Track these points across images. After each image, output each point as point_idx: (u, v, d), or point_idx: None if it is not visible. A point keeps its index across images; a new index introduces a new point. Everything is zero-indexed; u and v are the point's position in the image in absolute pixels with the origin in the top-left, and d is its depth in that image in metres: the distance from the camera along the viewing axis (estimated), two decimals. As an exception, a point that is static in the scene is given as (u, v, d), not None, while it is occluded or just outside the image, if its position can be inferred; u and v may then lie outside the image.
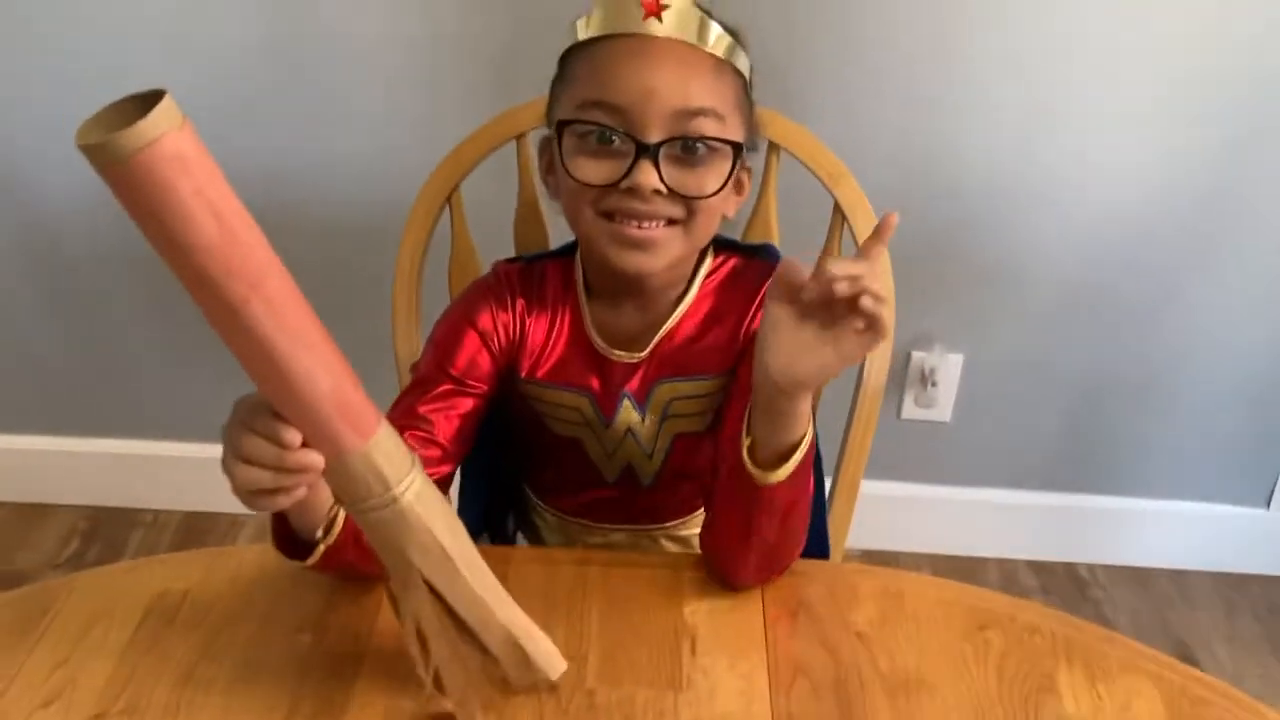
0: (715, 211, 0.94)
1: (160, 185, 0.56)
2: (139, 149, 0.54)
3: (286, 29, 1.60)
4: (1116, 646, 0.86)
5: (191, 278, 0.60)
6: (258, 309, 0.61)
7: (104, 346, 1.93)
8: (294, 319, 0.63)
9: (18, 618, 0.87)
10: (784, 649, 0.85)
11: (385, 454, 0.69)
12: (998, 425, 1.91)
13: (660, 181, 0.88)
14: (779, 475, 0.82)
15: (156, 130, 0.54)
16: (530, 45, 1.56)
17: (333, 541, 0.81)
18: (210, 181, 0.58)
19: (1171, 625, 1.91)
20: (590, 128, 0.89)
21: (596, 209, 0.91)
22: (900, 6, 1.52)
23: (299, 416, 0.66)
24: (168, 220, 0.57)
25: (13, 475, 2.07)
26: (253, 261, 0.61)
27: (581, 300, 1.01)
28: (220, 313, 0.61)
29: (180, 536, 2.03)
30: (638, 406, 1.01)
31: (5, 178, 1.75)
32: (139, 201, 0.57)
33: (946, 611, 0.89)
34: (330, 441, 0.67)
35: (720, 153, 0.90)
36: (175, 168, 0.56)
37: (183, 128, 0.56)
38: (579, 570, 0.92)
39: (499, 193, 1.24)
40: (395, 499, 0.70)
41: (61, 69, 1.64)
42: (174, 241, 0.58)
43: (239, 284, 0.60)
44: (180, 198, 0.56)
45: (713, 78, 0.90)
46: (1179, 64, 1.56)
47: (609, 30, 0.90)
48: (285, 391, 0.65)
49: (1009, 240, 1.71)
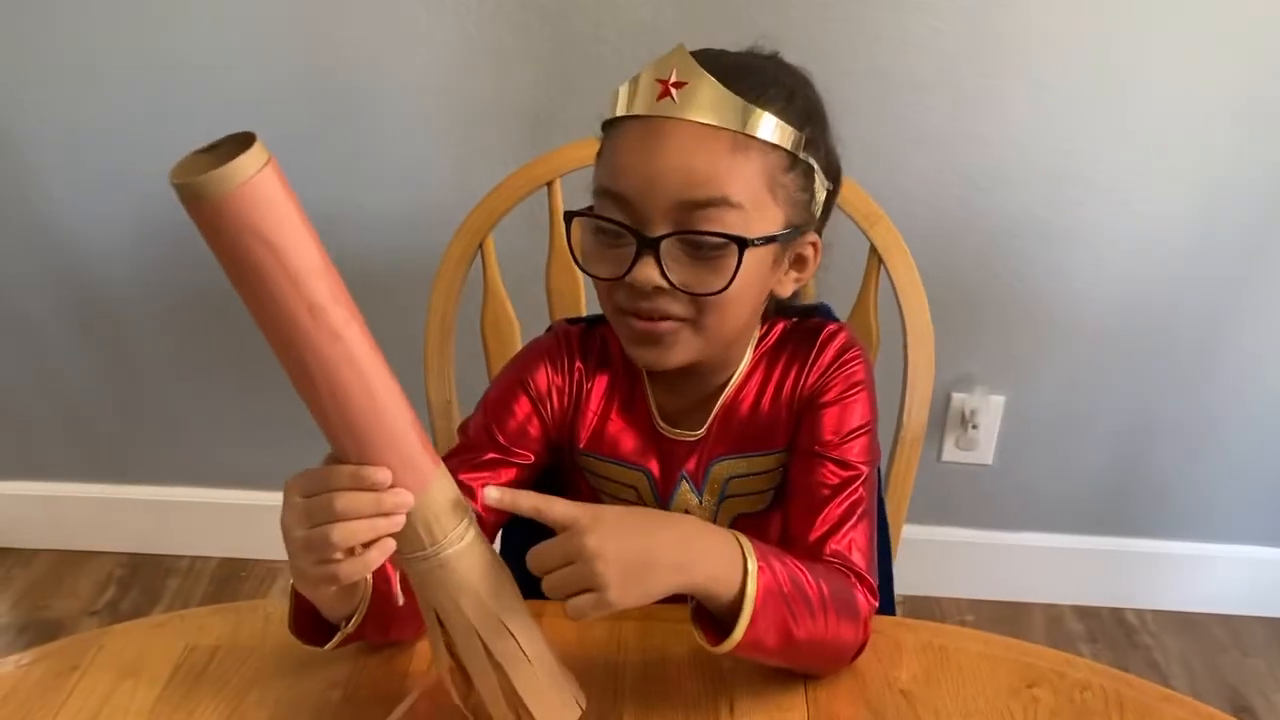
0: (736, 304, 0.86)
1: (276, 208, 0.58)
2: (259, 169, 0.56)
3: (321, 77, 1.61)
4: (1173, 705, 0.83)
5: (302, 307, 0.60)
6: (357, 331, 0.62)
7: (139, 394, 1.94)
8: (376, 347, 0.64)
9: (46, 674, 0.86)
10: (826, 709, 0.82)
11: (446, 495, 0.69)
12: (1041, 468, 1.87)
13: (662, 278, 0.82)
14: (724, 646, 0.76)
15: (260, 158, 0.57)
16: (564, 96, 1.57)
17: (351, 630, 0.79)
18: (301, 214, 0.60)
19: (1224, 672, 1.86)
20: (596, 220, 0.85)
21: (612, 303, 0.88)
22: (935, 49, 1.51)
23: (387, 451, 0.66)
24: (286, 243, 0.58)
25: (50, 522, 2.09)
26: (344, 289, 0.62)
27: (644, 375, 0.97)
28: (322, 342, 0.61)
29: (216, 583, 2.03)
30: (694, 489, 0.97)
31: (43, 223, 1.77)
32: (254, 229, 0.57)
33: (993, 667, 0.86)
34: (417, 475, 0.67)
35: (730, 245, 0.82)
36: (287, 193, 0.58)
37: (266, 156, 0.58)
38: (614, 625, 0.90)
39: (531, 240, 1.23)
40: (441, 551, 0.69)
41: (99, 110, 1.66)
42: (288, 267, 0.58)
43: (342, 307, 0.61)
44: (295, 221, 0.59)
45: (731, 160, 0.81)
46: (1221, 102, 1.54)
47: (628, 110, 0.84)
48: (374, 421, 0.65)
49: (1049, 281, 1.68)
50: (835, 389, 0.93)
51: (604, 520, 0.72)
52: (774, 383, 0.95)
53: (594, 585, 0.70)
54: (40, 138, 1.69)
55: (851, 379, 0.94)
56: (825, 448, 0.91)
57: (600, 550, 0.70)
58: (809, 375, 0.94)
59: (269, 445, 1.96)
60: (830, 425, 0.92)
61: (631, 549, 0.72)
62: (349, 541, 0.67)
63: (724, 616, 0.77)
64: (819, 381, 0.94)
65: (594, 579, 0.70)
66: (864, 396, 0.93)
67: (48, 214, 1.76)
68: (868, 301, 1.16)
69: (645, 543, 0.74)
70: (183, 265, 1.78)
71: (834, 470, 0.89)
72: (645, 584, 0.73)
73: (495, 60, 1.57)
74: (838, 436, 0.91)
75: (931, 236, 1.63)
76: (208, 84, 1.62)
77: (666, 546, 0.74)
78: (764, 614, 0.76)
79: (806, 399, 0.94)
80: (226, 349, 1.87)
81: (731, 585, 0.76)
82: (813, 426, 0.92)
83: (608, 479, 0.99)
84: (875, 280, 1.15)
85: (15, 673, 0.87)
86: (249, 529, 2.04)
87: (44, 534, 2.10)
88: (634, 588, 0.72)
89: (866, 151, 1.57)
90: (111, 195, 1.72)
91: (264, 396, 1.91)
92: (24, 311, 1.86)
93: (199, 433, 1.97)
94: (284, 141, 1.62)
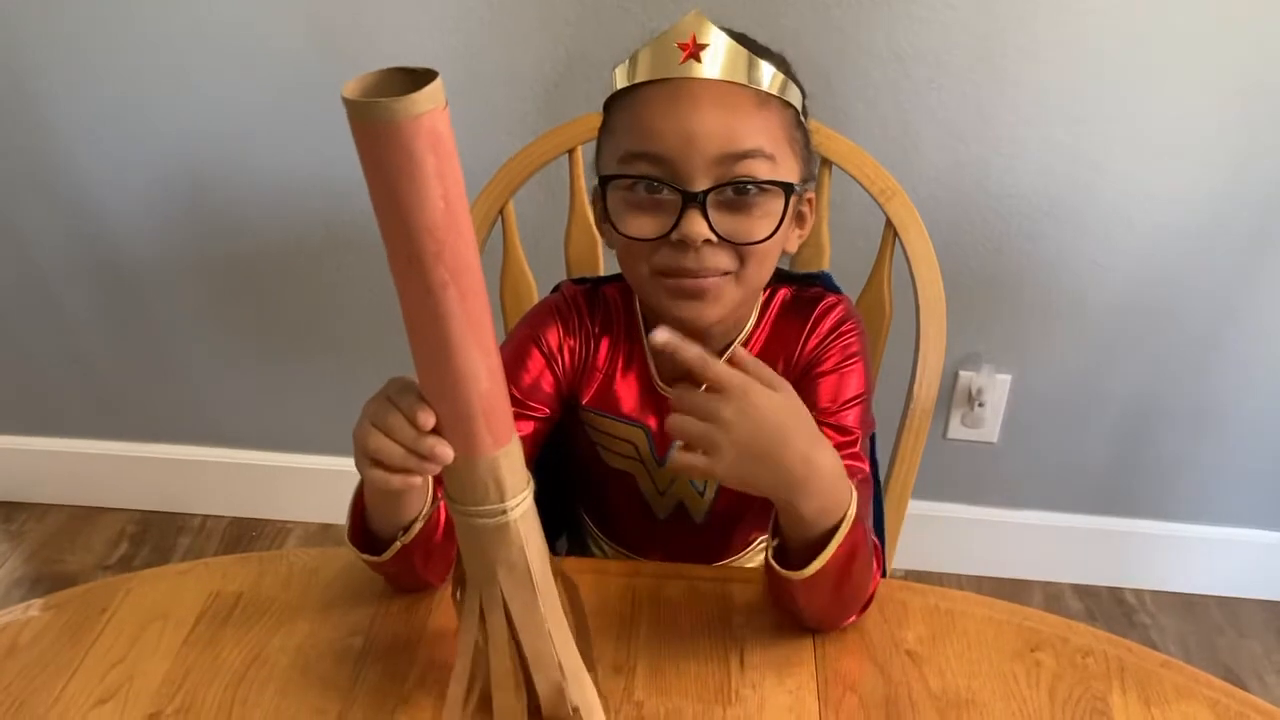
0: (770, 255, 0.90)
1: (412, 156, 0.58)
2: (410, 117, 0.56)
3: (340, 43, 1.62)
4: (1172, 671, 0.85)
5: (403, 252, 0.61)
6: (452, 296, 0.62)
7: (156, 353, 1.96)
8: (478, 317, 0.65)
9: (76, 616, 0.89)
10: (833, 666, 0.84)
11: (511, 467, 0.70)
12: (1045, 447, 1.89)
13: (710, 230, 0.84)
14: (805, 573, 0.78)
15: (428, 104, 0.57)
16: (583, 65, 1.58)
17: (409, 541, 0.82)
18: (450, 167, 0.60)
19: (1220, 653, 1.88)
20: (635, 181, 0.86)
21: (650, 265, 0.89)
22: (952, 25, 1.52)
23: (448, 408, 0.67)
24: (405, 191, 0.59)
25: (64, 478, 2.11)
26: (461, 252, 0.62)
27: (643, 335, 0.99)
28: (418, 292, 0.62)
29: (227, 542, 2.06)
30: None
31: (62, 185, 1.79)
32: (387, 167, 0.58)
33: (997, 631, 0.88)
34: (468, 440, 0.68)
35: (771, 194, 0.86)
36: (430, 143, 0.58)
37: (444, 109, 0.58)
38: (628, 582, 0.92)
39: (550, 207, 1.24)
40: (505, 511, 0.70)
41: (125, 73, 1.67)
42: (402, 213, 0.59)
43: (443, 269, 0.61)
44: (425, 173, 0.58)
45: (759, 115, 0.86)
46: (1236, 84, 1.54)
47: (648, 76, 0.86)
48: (447, 382, 0.66)
49: (1060, 260, 1.69)
50: (832, 359, 0.95)
51: (751, 400, 0.73)
52: (774, 348, 0.98)
53: (709, 450, 0.72)
54: (65, 100, 1.70)
55: (848, 350, 0.96)
56: (823, 414, 0.93)
57: (734, 423, 0.72)
58: (806, 344, 0.97)
59: (283, 407, 1.98)
60: (827, 394, 0.94)
61: (761, 440, 0.73)
62: (377, 455, 0.70)
63: (794, 539, 0.79)
64: (816, 351, 0.96)
65: (713, 446, 0.72)
66: (859, 367, 0.96)
67: (71, 175, 1.77)
68: (881, 275, 1.17)
69: (776, 440, 0.74)
70: (204, 227, 1.79)
71: (831, 435, 0.91)
72: (753, 476, 0.74)
73: (516, 29, 1.57)
74: (835, 404, 0.94)
75: (942, 214, 1.64)
76: (228, 49, 1.63)
77: (793, 458, 0.74)
78: (837, 557, 0.78)
79: (803, 368, 0.96)
80: (245, 311, 1.89)
81: (824, 524, 0.78)
82: (809, 395, 0.93)
83: (608, 434, 1.02)
84: (890, 254, 1.16)
85: (44, 615, 0.89)
86: (261, 489, 2.08)
87: (58, 489, 2.13)
88: (742, 472, 0.73)
89: (883, 127, 1.59)
90: (134, 157, 1.73)
91: (280, 359, 1.93)
92: (45, 270, 1.88)
93: (215, 393, 1.99)
94: (304, 107, 1.65)
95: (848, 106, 1.56)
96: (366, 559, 0.85)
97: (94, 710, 0.80)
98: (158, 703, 0.81)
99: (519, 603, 0.73)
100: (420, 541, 0.83)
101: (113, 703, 0.81)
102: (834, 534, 0.77)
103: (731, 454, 0.72)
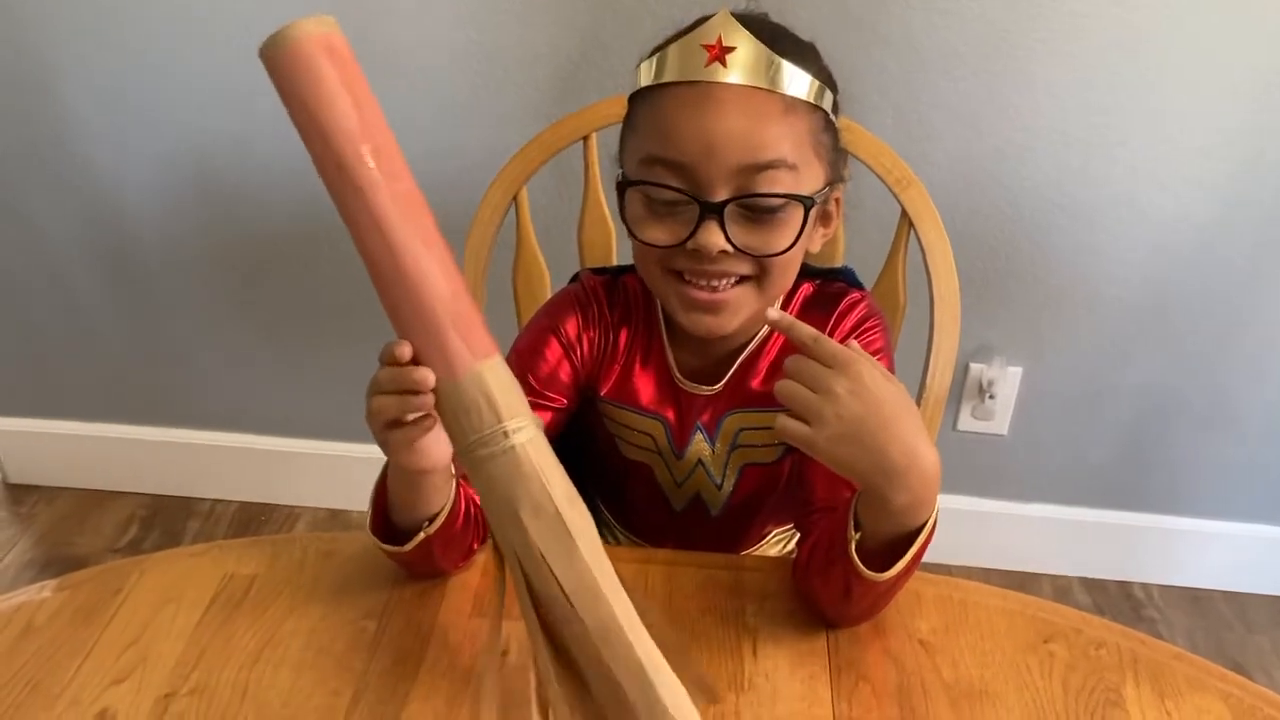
0: (792, 263, 0.88)
1: (315, 70, 0.65)
2: (307, 35, 0.65)
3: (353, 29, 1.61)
4: (1185, 664, 0.85)
5: (331, 162, 0.65)
6: (384, 195, 0.65)
7: (166, 337, 1.96)
8: (416, 217, 0.67)
9: (90, 597, 0.89)
10: (846, 655, 0.84)
11: (500, 385, 0.67)
12: (1055, 440, 1.89)
13: (726, 242, 0.83)
14: (887, 575, 0.77)
15: (318, 27, 0.65)
16: (597, 52, 1.57)
17: (434, 531, 0.82)
18: (356, 79, 0.66)
19: (1228, 648, 1.88)
20: (652, 188, 0.84)
21: (664, 268, 0.88)
22: (967, 19, 1.51)
23: (418, 324, 0.67)
24: (316, 103, 0.65)
25: (75, 462, 2.12)
26: (385, 153, 0.66)
27: (663, 329, 0.99)
28: (351, 199, 0.65)
29: (236, 527, 2.06)
30: (708, 439, 1.00)
31: (73, 172, 1.79)
32: (297, 85, 0.65)
33: (1010, 622, 0.88)
34: (445, 355, 0.67)
35: (791, 205, 0.84)
36: (329, 59, 0.65)
37: (335, 30, 0.66)
38: (641, 569, 0.92)
39: (564, 194, 1.24)
40: (507, 434, 0.66)
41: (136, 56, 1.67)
42: (319, 125, 0.65)
43: (368, 170, 0.65)
44: (332, 83, 0.65)
45: (784, 123, 0.83)
46: (1250, 77, 1.53)
47: (672, 77, 0.84)
48: (404, 290, 0.66)
49: (1073, 254, 1.69)
50: None
51: (864, 379, 0.72)
52: (792, 346, 0.97)
53: (813, 420, 0.72)
54: (76, 86, 1.70)
55: (872, 346, 0.95)
56: None
57: (844, 399, 0.71)
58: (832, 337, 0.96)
59: (292, 392, 1.99)
60: None
61: (869, 423, 0.72)
62: (381, 413, 0.70)
63: (873, 534, 0.78)
64: None
65: (818, 417, 0.72)
66: (884, 364, 0.94)
67: (82, 158, 1.77)
68: (896, 264, 1.17)
69: (883, 426, 0.72)
70: (215, 211, 1.79)
71: None
72: (851, 457, 0.73)
73: (529, 15, 1.57)
74: None
75: (956, 206, 1.63)
76: (239, 36, 1.62)
77: (897, 447, 0.73)
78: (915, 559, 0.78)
79: None
80: (255, 296, 1.89)
81: (908, 522, 0.76)
82: None
83: (626, 426, 1.01)
84: (904, 244, 1.16)
85: (58, 596, 0.89)
86: (270, 474, 2.08)
87: (68, 473, 2.13)
88: (841, 448, 0.72)
89: (898, 118, 1.59)
90: (145, 141, 1.74)
91: (290, 345, 1.93)
92: (56, 255, 1.88)
93: (225, 378, 2.00)
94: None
95: (864, 96, 1.55)
96: (387, 549, 0.85)
97: (108, 690, 0.80)
98: (172, 683, 0.81)
99: (559, 555, 0.66)
100: (441, 531, 0.83)
101: (127, 683, 0.81)
102: (917, 534, 0.77)
103: (836, 428, 0.72)
